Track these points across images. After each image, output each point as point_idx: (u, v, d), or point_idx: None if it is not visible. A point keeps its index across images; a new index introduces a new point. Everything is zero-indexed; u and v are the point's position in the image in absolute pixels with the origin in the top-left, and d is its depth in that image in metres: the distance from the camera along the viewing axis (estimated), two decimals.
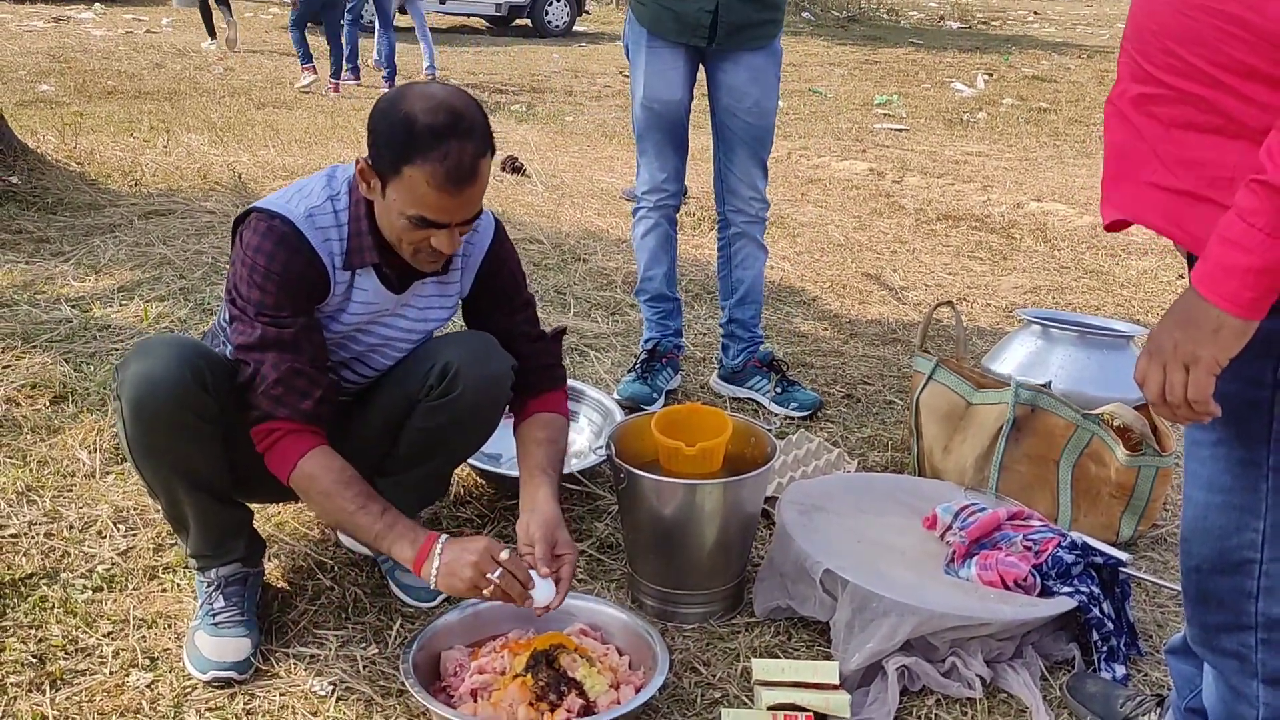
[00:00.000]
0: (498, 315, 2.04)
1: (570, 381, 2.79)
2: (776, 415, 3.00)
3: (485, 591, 1.72)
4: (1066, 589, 2.00)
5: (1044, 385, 2.50)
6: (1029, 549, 2.08)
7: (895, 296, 4.18)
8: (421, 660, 1.80)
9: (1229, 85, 1.13)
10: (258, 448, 1.80)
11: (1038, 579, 2.01)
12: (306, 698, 1.83)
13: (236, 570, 1.96)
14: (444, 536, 1.77)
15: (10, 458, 2.49)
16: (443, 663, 1.84)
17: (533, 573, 1.75)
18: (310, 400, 1.79)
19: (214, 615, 1.91)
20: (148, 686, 1.83)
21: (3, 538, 2.20)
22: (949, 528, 2.17)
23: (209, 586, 1.94)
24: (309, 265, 1.81)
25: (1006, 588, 2.01)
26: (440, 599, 2.10)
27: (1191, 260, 1.27)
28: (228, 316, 1.85)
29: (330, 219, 1.83)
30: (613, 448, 2.07)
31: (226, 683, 1.85)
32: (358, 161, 1.78)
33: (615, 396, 2.92)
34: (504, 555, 1.72)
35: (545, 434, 1.99)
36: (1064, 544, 2.07)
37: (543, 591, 1.74)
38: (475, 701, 1.74)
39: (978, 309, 4.07)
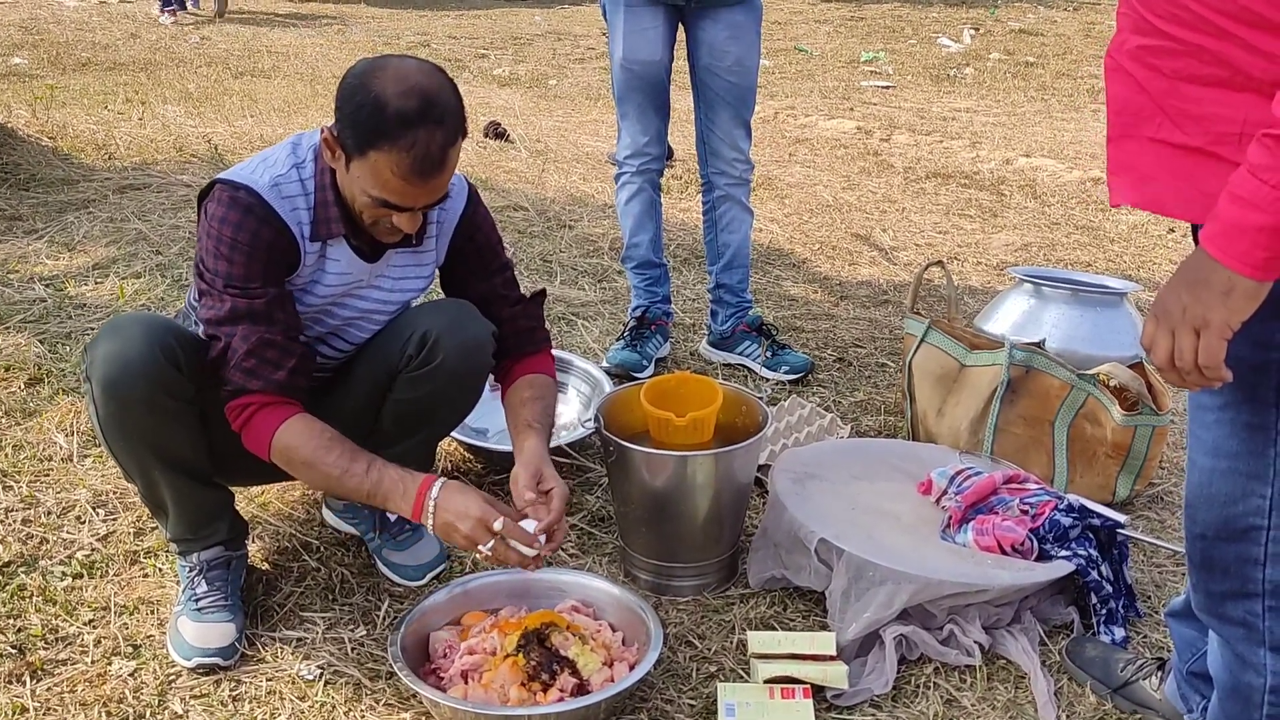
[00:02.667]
0: (474, 281, 1.99)
1: (558, 351, 2.74)
2: (768, 380, 2.95)
3: (483, 549, 1.67)
4: (1064, 552, 1.97)
5: (1038, 344, 2.46)
6: (1025, 512, 2.05)
7: (885, 257, 4.12)
8: (410, 642, 1.77)
9: (1236, 35, 1.07)
10: (233, 426, 1.75)
11: (1035, 543, 1.98)
12: (294, 682, 1.80)
13: (219, 554, 1.92)
14: (437, 486, 1.70)
15: None
16: (432, 644, 1.81)
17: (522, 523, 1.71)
18: (284, 371, 1.74)
19: (197, 600, 1.87)
20: (130, 675, 1.79)
21: None
22: (944, 492, 2.14)
23: (191, 571, 1.90)
24: (278, 235, 1.75)
25: (1004, 552, 1.98)
26: (429, 576, 2.07)
27: (1196, 226, 1.22)
28: (197, 293, 1.79)
29: (297, 188, 1.77)
30: (601, 420, 2.03)
31: (211, 669, 1.81)
32: (323, 130, 1.72)
33: (604, 365, 2.88)
34: (498, 526, 1.66)
35: (530, 393, 1.95)
36: (1061, 507, 2.04)
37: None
38: (466, 683, 1.70)
39: (969, 267, 4.03)
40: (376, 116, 1.61)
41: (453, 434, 2.28)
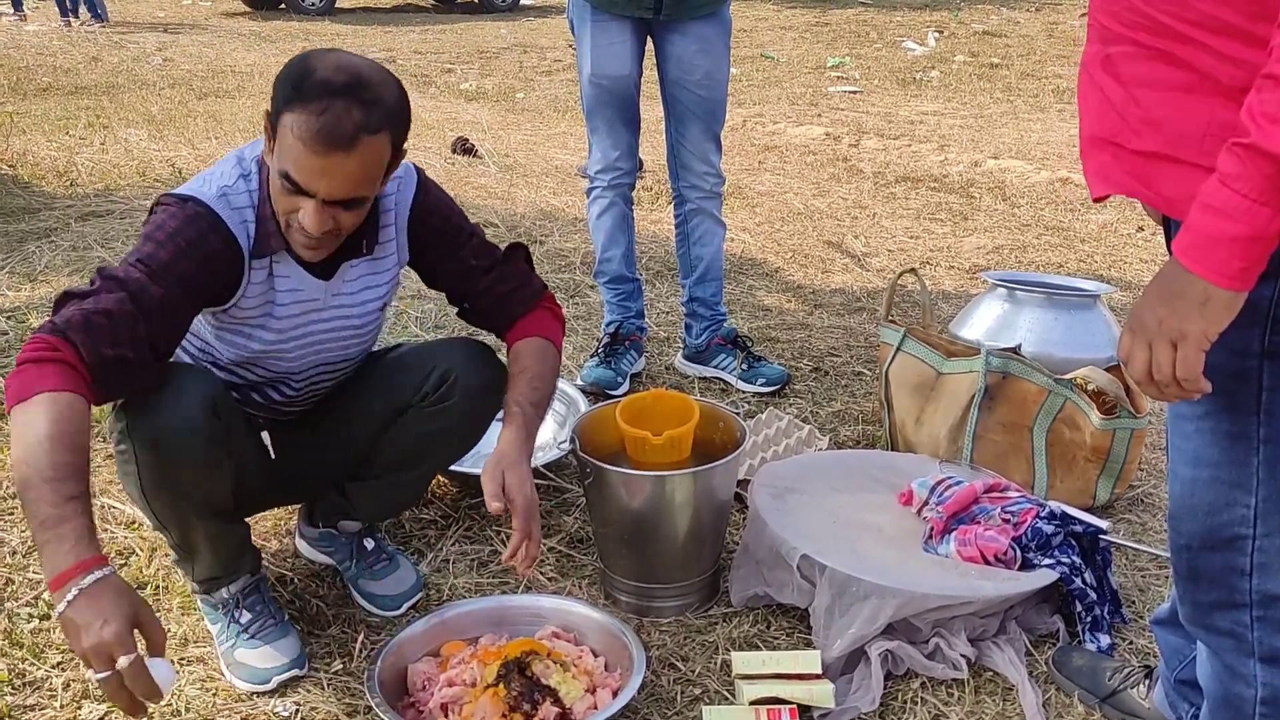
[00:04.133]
0: (445, 263, 1.91)
1: None
2: (744, 393, 2.94)
3: (93, 677, 1.32)
4: (1047, 561, 1.96)
5: (1013, 349, 2.45)
6: (1007, 521, 2.04)
7: (858, 264, 4.12)
8: (388, 675, 1.73)
9: (1200, 41, 1.06)
10: (25, 353, 1.46)
11: (1018, 552, 1.97)
12: None
13: (247, 581, 1.89)
14: (92, 577, 1.33)
15: None
16: (410, 676, 1.77)
17: (154, 663, 1.34)
18: (115, 352, 1.50)
19: (245, 629, 1.85)
20: (101, 719, 1.74)
21: None
22: (925, 503, 2.12)
23: (226, 606, 1.87)
24: (224, 244, 1.65)
25: (987, 563, 1.96)
26: (406, 606, 2.03)
27: (1169, 225, 1.22)
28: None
29: (244, 199, 1.68)
30: (577, 441, 2.00)
31: (294, 684, 1.82)
32: (265, 114, 1.64)
33: (578, 383, 2.85)
34: (122, 662, 1.30)
35: (519, 366, 1.86)
36: (1043, 514, 2.03)
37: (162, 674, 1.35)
38: (446, 717, 1.67)
39: (941, 272, 4.03)
40: (299, 79, 1.53)
41: None
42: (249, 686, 1.82)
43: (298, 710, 1.77)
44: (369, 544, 2.09)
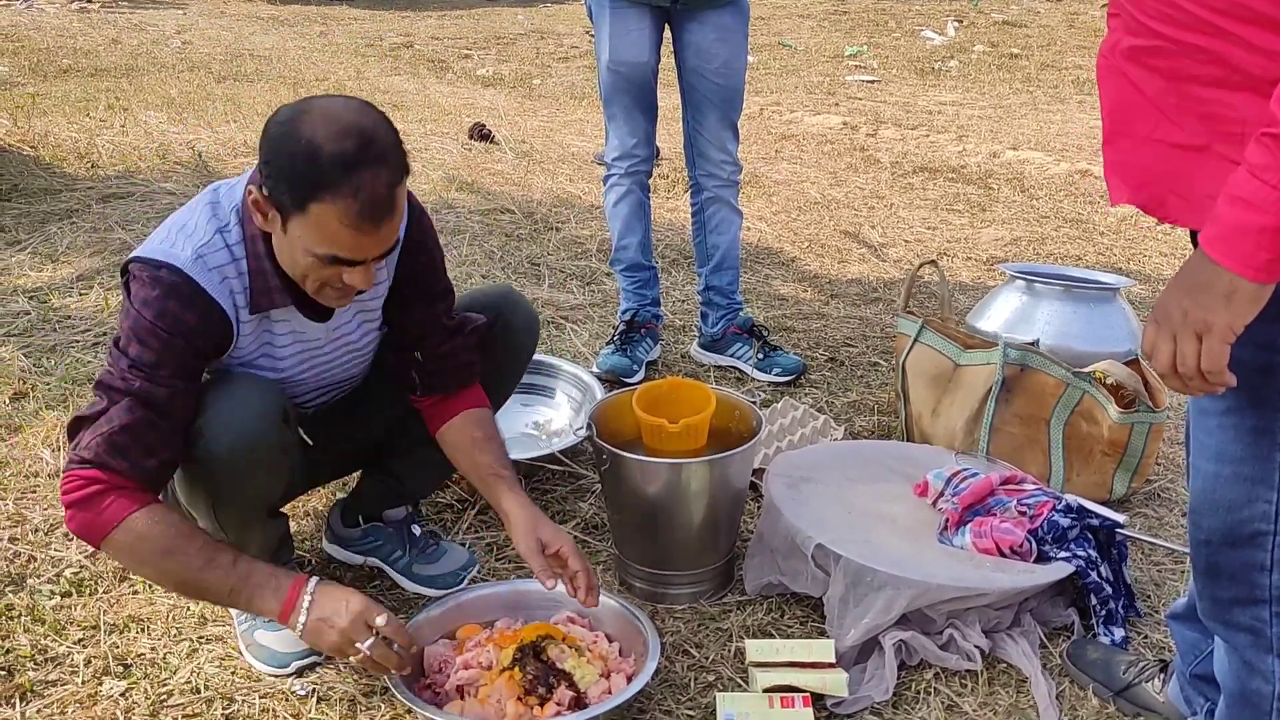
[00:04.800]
0: (417, 305, 1.86)
1: (546, 357, 2.73)
2: (760, 382, 2.94)
3: (352, 660, 1.61)
4: (1063, 554, 1.96)
5: (1032, 343, 2.45)
6: (1023, 514, 2.04)
7: (875, 254, 4.11)
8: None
9: (1230, 32, 1.05)
10: (71, 494, 1.55)
11: (1034, 545, 1.97)
12: (287, 699, 1.77)
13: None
14: (313, 582, 1.63)
15: None
16: (426, 658, 1.78)
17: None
18: (155, 459, 1.58)
19: None
20: (122, 695, 1.76)
21: None
22: (941, 494, 2.12)
23: None
24: (203, 317, 1.60)
25: (1002, 555, 1.96)
26: (467, 580, 2.07)
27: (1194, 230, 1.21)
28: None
29: (224, 255, 1.62)
30: (593, 428, 2.00)
31: (310, 668, 1.83)
32: (249, 191, 1.57)
33: (594, 370, 2.85)
34: (380, 621, 1.59)
35: (483, 431, 1.90)
36: (1059, 507, 2.02)
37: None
38: (462, 699, 1.68)
39: (958, 263, 4.02)
40: (312, 164, 1.47)
41: None
42: (268, 669, 1.83)
43: (315, 691, 1.79)
44: (416, 530, 2.11)
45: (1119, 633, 1.94)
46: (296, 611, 1.59)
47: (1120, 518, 2.01)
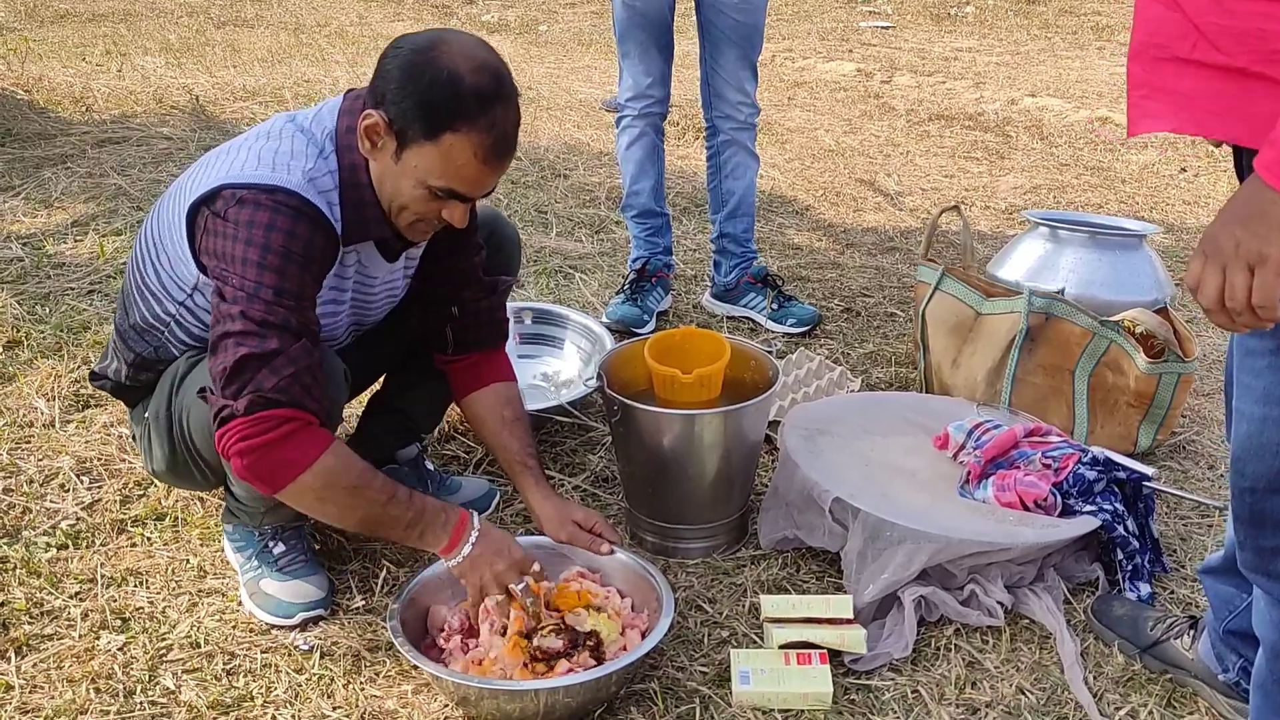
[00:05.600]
0: (455, 257, 1.84)
1: (554, 306, 2.66)
2: (774, 333, 2.86)
3: (489, 603, 1.63)
4: (1089, 507, 1.89)
5: (1056, 292, 2.36)
6: (1048, 466, 1.97)
7: (891, 202, 4.01)
8: (410, 615, 1.68)
9: None
10: (262, 435, 1.49)
11: (1058, 498, 1.91)
12: (289, 654, 1.72)
13: (293, 517, 1.83)
14: (478, 518, 1.66)
15: None
16: (430, 619, 1.72)
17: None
18: (327, 400, 1.58)
19: (276, 561, 1.82)
20: (120, 649, 1.72)
21: None
22: (962, 447, 2.05)
23: (260, 536, 1.83)
24: (328, 242, 1.56)
25: (1026, 508, 1.90)
26: (494, 505, 2.08)
27: (1240, 154, 1.12)
28: (219, 294, 1.53)
29: (329, 181, 1.57)
30: (604, 378, 1.93)
31: (314, 622, 1.79)
32: (367, 115, 1.52)
33: (603, 320, 2.78)
34: (535, 568, 1.66)
35: (511, 411, 1.89)
36: (1085, 460, 1.96)
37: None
38: (466, 654, 1.63)
39: (977, 212, 3.92)
40: (454, 94, 1.46)
41: None
42: (271, 619, 1.78)
43: (318, 646, 1.74)
44: (429, 465, 2.10)
45: (1145, 588, 1.88)
46: (463, 542, 1.61)
47: (1149, 470, 1.94)
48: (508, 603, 1.62)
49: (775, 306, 2.88)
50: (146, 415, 1.76)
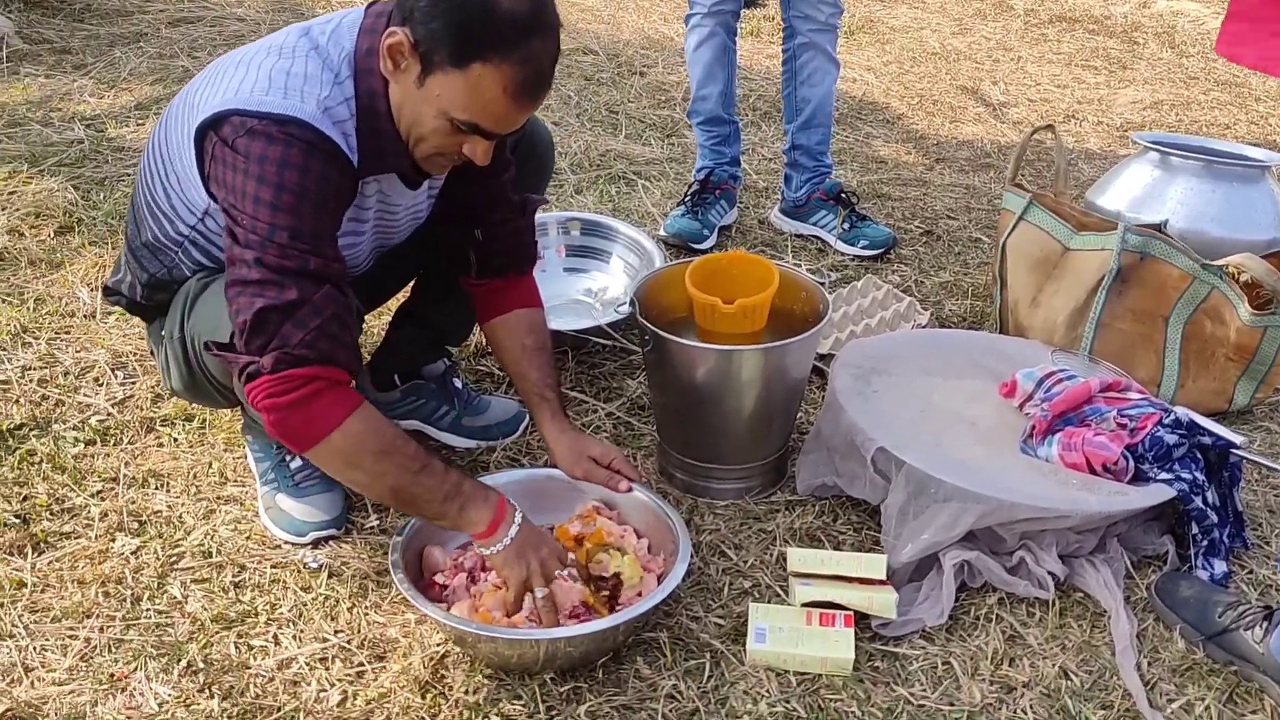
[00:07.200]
0: (486, 177, 1.68)
1: (603, 217, 2.52)
2: (843, 255, 2.67)
3: (530, 596, 1.51)
4: (1165, 475, 1.71)
5: (1158, 226, 2.12)
6: (1123, 426, 1.78)
7: (993, 114, 3.71)
8: (413, 555, 1.61)
9: None
10: (287, 395, 1.40)
11: (1130, 462, 1.72)
12: (298, 571, 1.68)
13: None
14: (518, 513, 1.53)
15: (7, 295, 2.33)
16: (425, 561, 1.64)
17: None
18: (353, 347, 1.47)
19: (292, 476, 1.78)
20: (133, 554, 1.70)
21: None
22: (1030, 397, 1.87)
23: (280, 449, 1.79)
24: (344, 176, 1.44)
25: (1093, 472, 1.72)
26: (523, 428, 2.01)
27: None
28: (231, 236, 1.42)
29: (344, 110, 1.43)
30: (637, 305, 1.80)
31: (326, 541, 1.74)
32: (391, 33, 1.37)
33: (660, 234, 2.62)
34: (570, 558, 1.55)
35: (534, 339, 1.78)
36: (1166, 421, 1.76)
37: None
38: (469, 590, 1.56)
39: (1087, 128, 3.60)
40: (487, 19, 1.32)
41: None
42: (284, 535, 1.74)
43: (327, 565, 1.69)
44: (458, 383, 2.01)
45: (1220, 566, 1.70)
46: (505, 526, 1.50)
47: (1238, 439, 1.74)
48: (551, 599, 1.50)
49: (847, 226, 2.69)
50: (163, 334, 1.70)
